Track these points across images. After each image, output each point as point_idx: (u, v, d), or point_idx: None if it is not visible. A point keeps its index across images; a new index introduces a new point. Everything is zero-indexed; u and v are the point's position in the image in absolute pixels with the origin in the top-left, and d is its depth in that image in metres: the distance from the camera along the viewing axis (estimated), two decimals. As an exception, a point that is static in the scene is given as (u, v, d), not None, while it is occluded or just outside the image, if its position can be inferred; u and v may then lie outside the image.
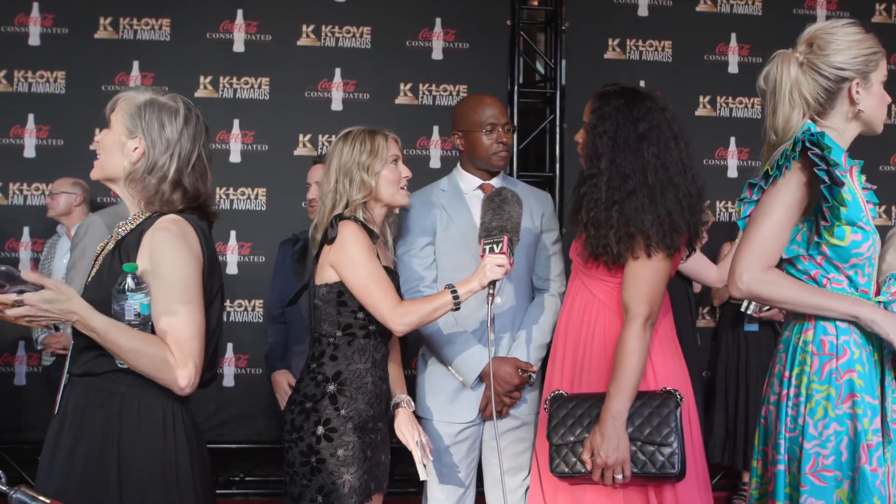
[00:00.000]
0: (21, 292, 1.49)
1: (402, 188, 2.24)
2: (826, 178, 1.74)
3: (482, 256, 2.04)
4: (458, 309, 2.07)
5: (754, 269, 1.78)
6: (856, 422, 1.74)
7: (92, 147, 1.75)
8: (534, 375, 2.46)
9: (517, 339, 2.48)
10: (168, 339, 1.59)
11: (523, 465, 2.50)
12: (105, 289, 1.61)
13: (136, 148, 1.68)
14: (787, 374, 1.83)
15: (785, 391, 1.83)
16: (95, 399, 1.62)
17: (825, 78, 1.85)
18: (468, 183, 2.57)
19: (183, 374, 1.59)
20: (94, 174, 1.76)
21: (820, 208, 1.78)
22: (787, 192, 1.80)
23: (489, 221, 2.06)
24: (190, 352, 1.60)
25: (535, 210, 2.55)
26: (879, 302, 1.82)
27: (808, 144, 1.77)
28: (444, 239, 2.50)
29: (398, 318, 2.07)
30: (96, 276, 1.69)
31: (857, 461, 1.72)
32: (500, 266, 2.02)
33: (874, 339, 1.79)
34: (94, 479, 1.57)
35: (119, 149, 1.70)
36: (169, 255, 1.61)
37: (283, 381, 3.14)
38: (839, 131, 1.88)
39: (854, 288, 1.82)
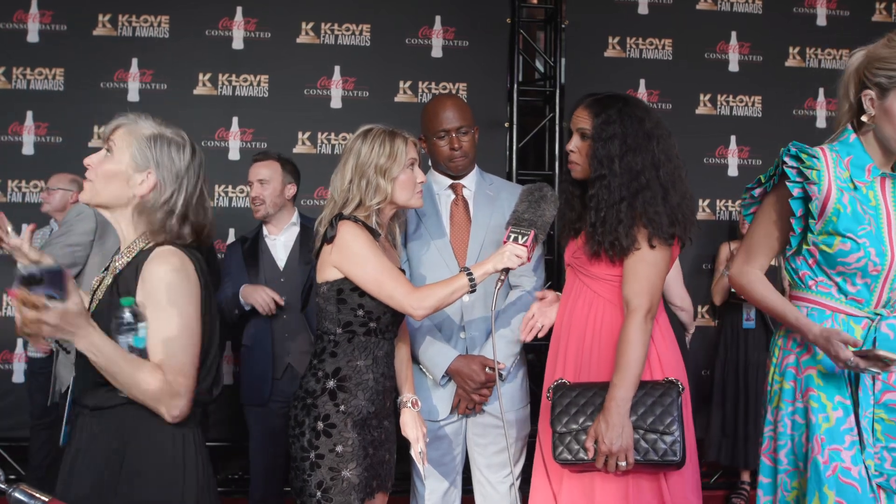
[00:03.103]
0: (50, 297, 1.44)
1: (417, 192, 2.21)
2: (795, 192, 1.83)
3: (505, 242, 2.06)
4: (473, 290, 2.08)
5: (739, 265, 2.03)
6: (810, 415, 1.82)
7: (87, 162, 1.72)
8: (503, 372, 2.46)
9: (490, 335, 2.47)
10: (164, 369, 1.59)
11: (505, 462, 2.52)
12: (108, 323, 1.60)
13: (142, 181, 1.68)
14: (770, 368, 1.97)
15: (766, 385, 1.98)
16: (108, 427, 1.63)
17: (860, 81, 1.84)
18: (439, 184, 2.62)
19: (174, 405, 1.60)
20: (86, 198, 1.72)
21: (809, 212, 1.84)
22: (775, 203, 1.94)
23: (522, 212, 2.07)
24: (184, 383, 1.61)
25: (511, 207, 2.53)
26: (877, 314, 1.84)
27: (785, 159, 1.85)
28: (414, 238, 2.54)
29: (416, 302, 2.06)
30: (97, 310, 1.69)
31: (811, 452, 1.79)
32: (518, 257, 2.04)
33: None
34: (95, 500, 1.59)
35: (123, 180, 1.69)
36: (169, 287, 1.61)
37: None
38: (871, 140, 1.86)
39: (843, 294, 1.86)
